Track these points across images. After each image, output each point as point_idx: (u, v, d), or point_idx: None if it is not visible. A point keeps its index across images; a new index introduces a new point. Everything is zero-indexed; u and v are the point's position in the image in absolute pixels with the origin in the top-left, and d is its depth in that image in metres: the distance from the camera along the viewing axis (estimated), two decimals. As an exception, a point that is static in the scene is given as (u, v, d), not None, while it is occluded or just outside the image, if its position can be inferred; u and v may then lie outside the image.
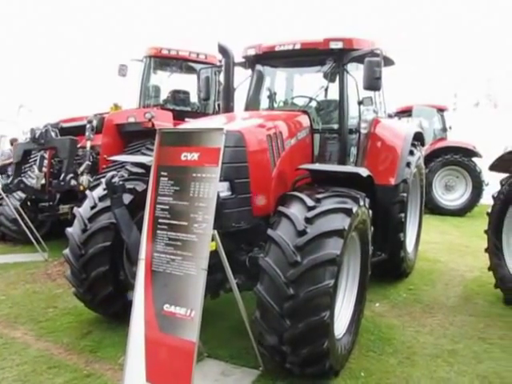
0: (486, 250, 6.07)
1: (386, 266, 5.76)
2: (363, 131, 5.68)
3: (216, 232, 3.32)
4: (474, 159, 13.07)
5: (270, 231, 3.62)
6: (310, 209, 3.63)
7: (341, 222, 3.55)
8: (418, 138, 6.71)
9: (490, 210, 6.07)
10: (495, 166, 6.43)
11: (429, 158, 12.91)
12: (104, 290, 4.55)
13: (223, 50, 5.42)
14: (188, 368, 3.11)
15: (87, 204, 4.74)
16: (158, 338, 3.28)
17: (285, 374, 3.78)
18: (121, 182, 4.33)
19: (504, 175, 5.97)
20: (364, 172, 4.25)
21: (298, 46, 5.60)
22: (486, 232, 6.08)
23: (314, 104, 5.86)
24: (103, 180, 4.62)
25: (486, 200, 9.37)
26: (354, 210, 3.70)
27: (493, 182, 8.33)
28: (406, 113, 14.23)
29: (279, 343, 3.50)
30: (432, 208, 12.70)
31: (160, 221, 3.47)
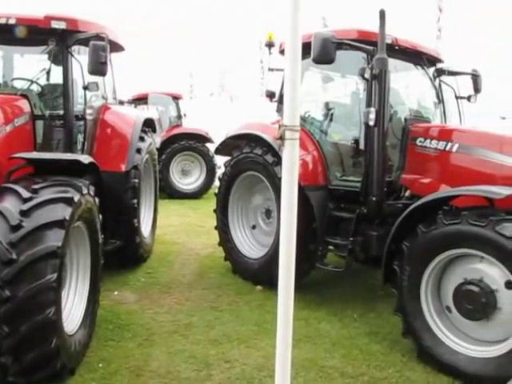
0: (216, 228, 6.63)
1: (123, 252, 5.76)
2: (89, 117, 5.49)
3: None
4: (207, 144, 14.03)
5: None
6: (26, 201, 3.32)
7: (61, 212, 3.35)
8: (149, 125, 6.85)
9: (217, 191, 6.63)
10: (219, 150, 7.04)
11: (165, 145, 13.40)
12: None
13: None
14: None
15: None
16: None
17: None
18: None
19: (227, 158, 6.55)
20: (86, 159, 4.11)
21: (12, 21, 5.02)
22: (214, 211, 6.62)
23: (36, 88, 5.39)
24: None
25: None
26: (76, 198, 3.54)
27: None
28: (142, 100, 14.39)
29: (-3, 355, 3.13)
30: (170, 193, 13.21)
31: None
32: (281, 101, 6.28)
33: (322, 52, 4.65)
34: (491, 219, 3.65)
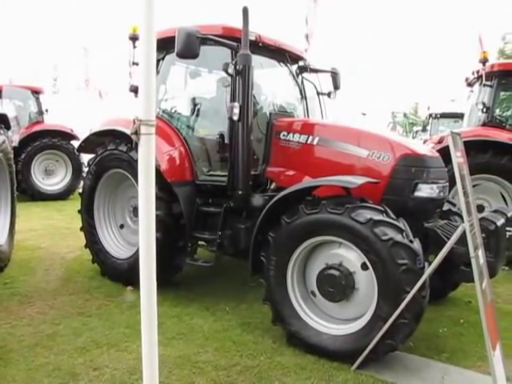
0: (82, 229, 6.29)
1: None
2: None
3: None
4: (72, 142, 13.29)
5: None
6: None
7: None
8: (2, 121, 6.27)
9: (81, 191, 6.28)
10: (83, 148, 6.69)
11: (25, 143, 12.45)
12: None
13: None
14: None
15: None
16: None
17: None
18: None
19: (92, 156, 6.22)
20: None
21: None
22: (79, 212, 6.27)
23: None
24: None
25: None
26: None
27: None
28: (-4, 94, 13.19)
29: None
30: (33, 194, 12.34)
31: None
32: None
33: (186, 46, 4.61)
34: (347, 207, 3.91)
